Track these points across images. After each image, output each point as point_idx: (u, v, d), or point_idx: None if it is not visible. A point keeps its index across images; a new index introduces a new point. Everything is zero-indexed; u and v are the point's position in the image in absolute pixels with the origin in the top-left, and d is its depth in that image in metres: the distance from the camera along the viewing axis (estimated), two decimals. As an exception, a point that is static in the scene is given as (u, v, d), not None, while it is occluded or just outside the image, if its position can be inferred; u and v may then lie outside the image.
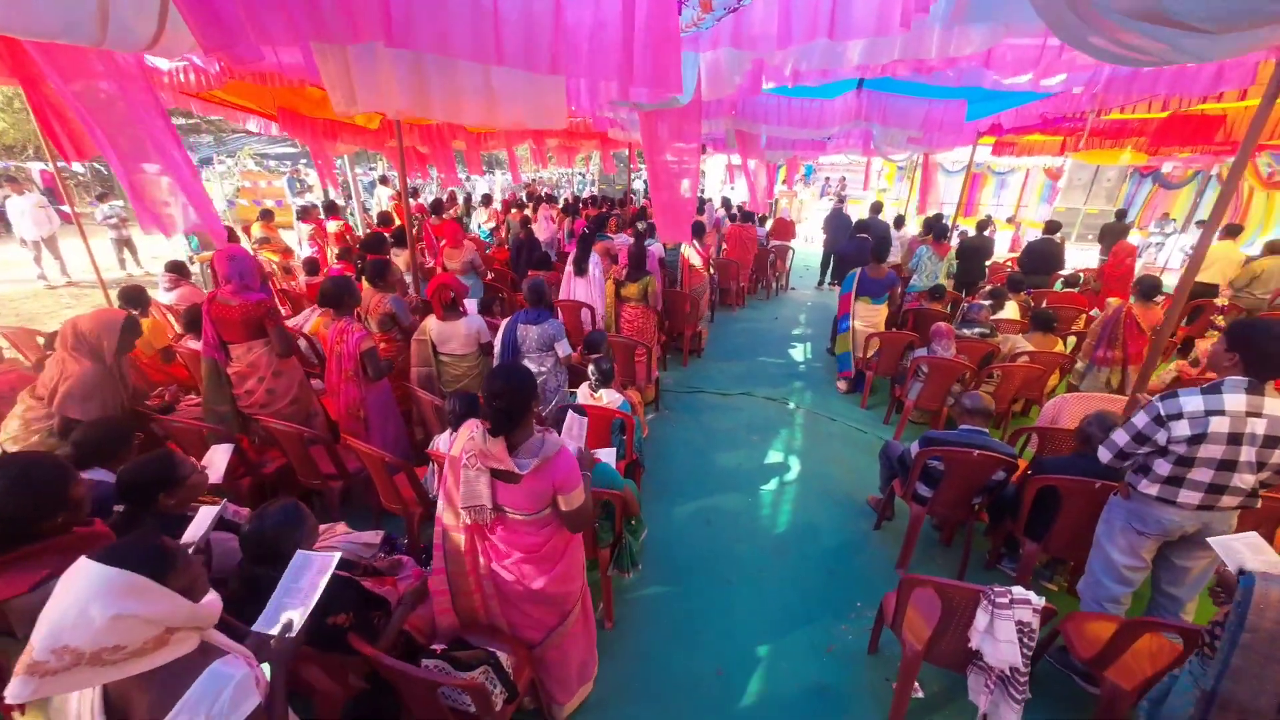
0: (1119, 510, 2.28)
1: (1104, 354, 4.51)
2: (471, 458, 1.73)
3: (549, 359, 3.50)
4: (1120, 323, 4.41)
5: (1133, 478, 2.20)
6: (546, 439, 1.75)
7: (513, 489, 1.73)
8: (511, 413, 1.67)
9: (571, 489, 1.75)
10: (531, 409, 1.72)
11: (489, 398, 1.66)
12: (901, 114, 3.69)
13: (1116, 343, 4.45)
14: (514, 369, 1.73)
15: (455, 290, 3.40)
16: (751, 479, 3.96)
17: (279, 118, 5.32)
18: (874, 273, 5.08)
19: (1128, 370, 4.37)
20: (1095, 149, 6.89)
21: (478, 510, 1.77)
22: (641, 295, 4.59)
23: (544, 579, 1.88)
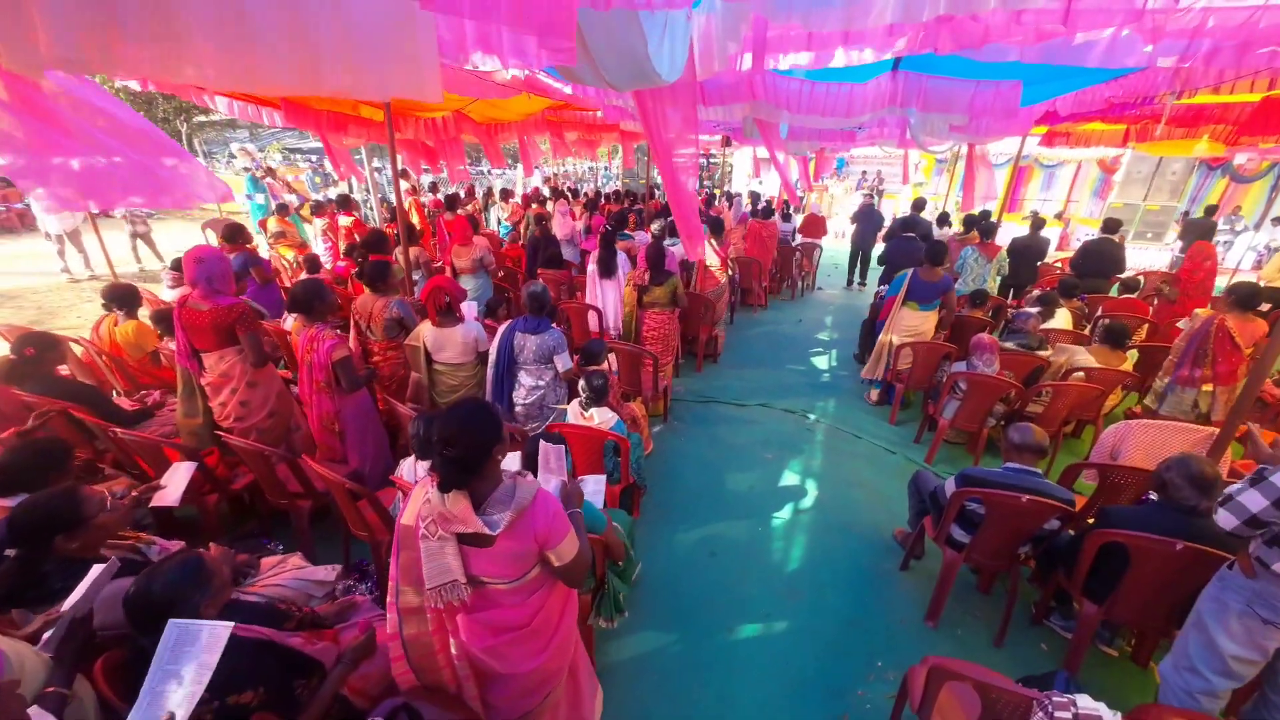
0: (1238, 590, 1.84)
1: (1189, 373, 3.94)
2: (430, 524, 1.43)
3: (548, 373, 3.21)
4: (1211, 337, 3.84)
5: (1264, 551, 1.76)
6: (518, 484, 1.45)
7: (487, 554, 1.42)
8: (468, 462, 1.37)
9: (560, 539, 1.45)
10: (494, 453, 1.42)
11: (439, 444, 1.37)
12: (944, 98, 3.24)
13: (1205, 360, 3.87)
14: (468, 407, 1.43)
15: (451, 294, 3.14)
16: (764, 504, 3.60)
17: (283, 108, 5.16)
18: (927, 275, 4.58)
19: (1217, 392, 3.80)
20: (1165, 139, 6.18)
21: (449, 588, 1.43)
22: (670, 299, 4.26)
23: (540, 658, 1.57)
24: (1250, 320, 3.95)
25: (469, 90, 4.33)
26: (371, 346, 3.45)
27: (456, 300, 3.16)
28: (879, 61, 3.02)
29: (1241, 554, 1.84)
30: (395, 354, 3.43)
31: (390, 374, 3.45)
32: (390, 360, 3.42)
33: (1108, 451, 3.32)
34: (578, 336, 5.25)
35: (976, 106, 3.23)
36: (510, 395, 3.25)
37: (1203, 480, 2.02)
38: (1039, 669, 2.46)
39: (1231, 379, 3.82)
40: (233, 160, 16.15)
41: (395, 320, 3.32)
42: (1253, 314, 3.95)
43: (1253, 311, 3.93)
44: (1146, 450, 3.22)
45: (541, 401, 3.23)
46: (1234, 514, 1.74)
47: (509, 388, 3.23)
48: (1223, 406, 3.86)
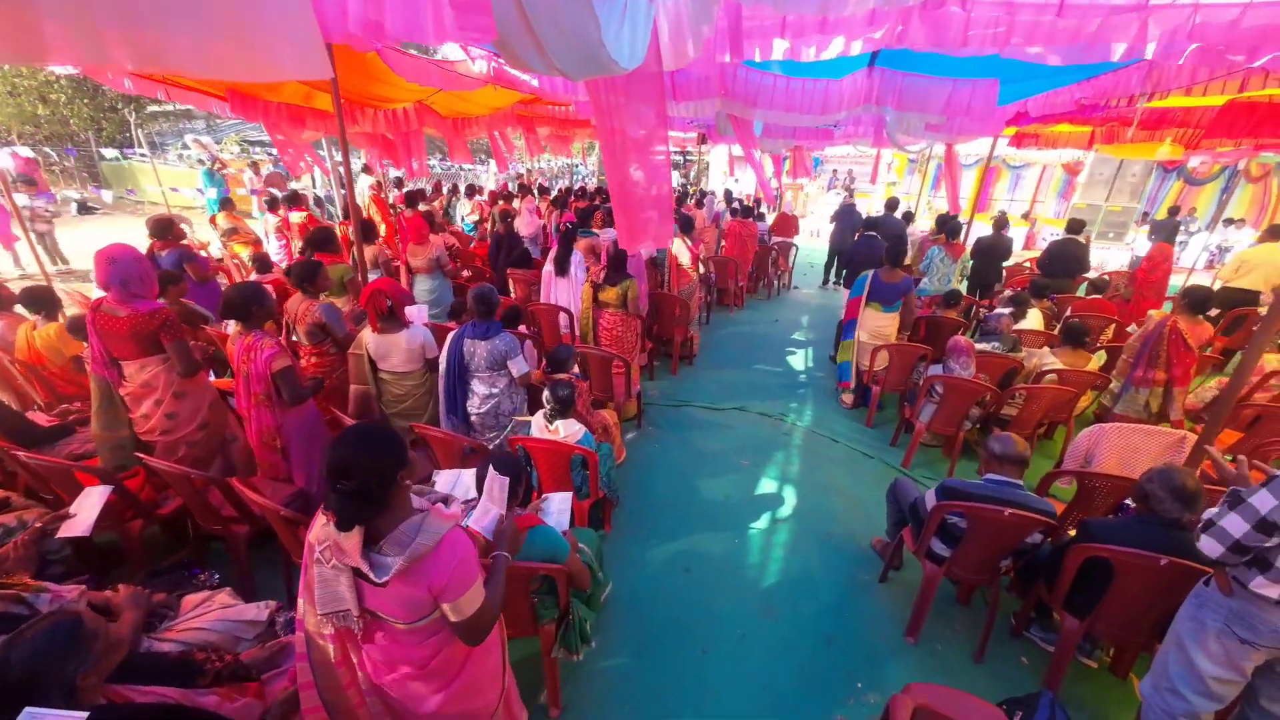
0: (1215, 608, 1.78)
1: (1143, 374, 3.98)
2: (326, 550, 1.27)
3: (501, 379, 3.02)
4: (1164, 338, 3.88)
5: (1241, 571, 1.70)
6: (427, 522, 1.28)
7: (381, 591, 1.27)
8: (366, 495, 1.20)
9: (459, 593, 1.28)
10: (397, 484, 1.26)
11: (330, 475, 1.20)
12: (920, 96, 3.16)
13: (1159, 361, 3.91)
14: (365, 434, 1.26)
15: (392, 297, 2.92)
16: (740, 514, 3.48)
17: (228, 99, 4.82)
18: (888, 276, 4.54)
19: (1172, 393, 3.84)
20: (1130, 141, 6.29)
21: (341, 615, 1.31)
22: (621, 300, 4.10)
23: (439, 697, 1.42)
24: (1199, 323, 4.01)
25: (429, 80, 4.08)
26: (298, 349, 3.21)
27: (400, 304, 2.94)
28: (856, 56, 2.92)
29: (1219, 571, 1.79)
30: (322, 360, 3.18)
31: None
32: (315, 366, 3.18)
33: (1082, 455, 3.31)
34: (548, 340, 5.06)
35: (953, 105, 3.16)
36: (464, 405, 3.05)
37: (1184, 492, 1.96)
38: (1020, 686, 2.40)
39: (1185, 379, 3.87)
40: (186, 152, 15.34)
41: (319, 325, 3.08)
42: (1202, 317, 4.02)
43: (1202, 315, 4.00)
44: (1120, 454, 3.21)
45: (497, 410, 3.04)
46: (1218, 541, 1.68)
47: (462, 397, 3.04)
48: (1176, 406, 3.92)
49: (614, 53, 1.23)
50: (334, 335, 3.21)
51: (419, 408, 3.20)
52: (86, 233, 10.21)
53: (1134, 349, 4.05)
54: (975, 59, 2.97)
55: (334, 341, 3.26)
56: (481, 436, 3.14)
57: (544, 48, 1.16)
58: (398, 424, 3.22)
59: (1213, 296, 4.05)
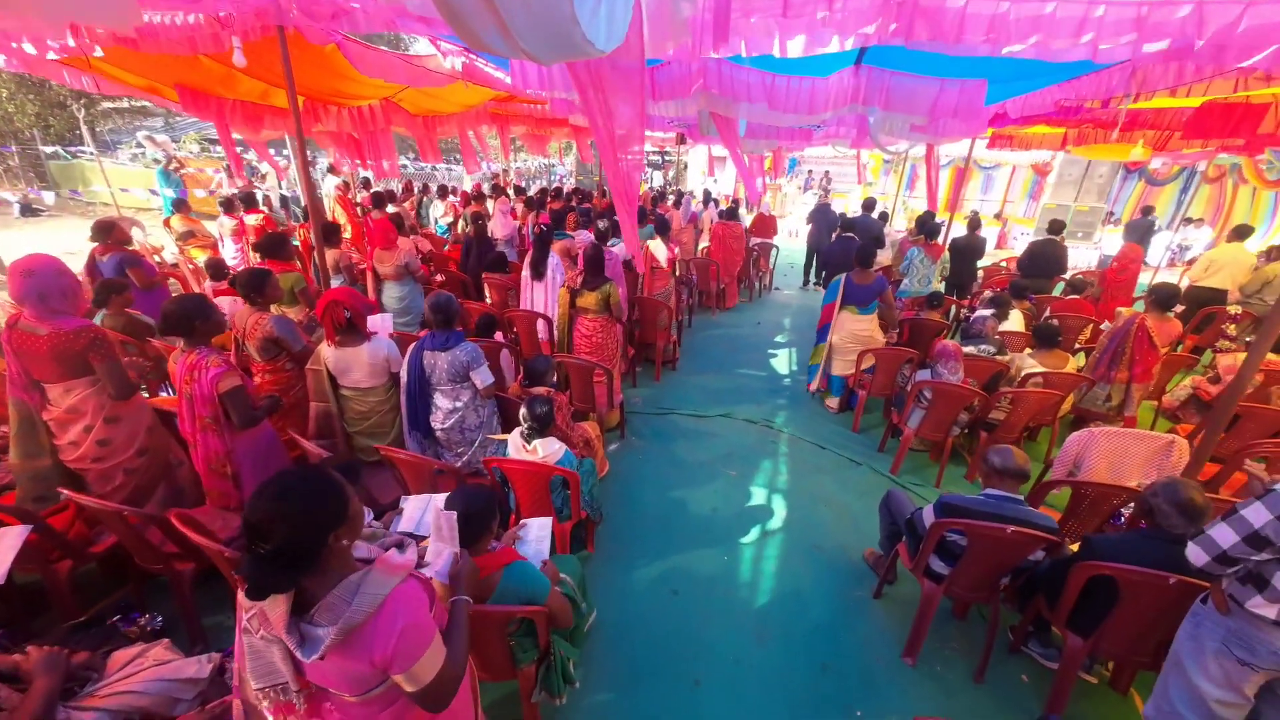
0: (1213, 627, 1.71)
1: (1106, 371, 4.00)
2: (253, 618, 1.08)
3: (465, 392, 2.82)
4: (1130, 336, 3.89)
5: (1238, 589, 1.63)
6: (368, 583, 1.09)
7: (320, 663, 1.08)
8: (286, 561, 1.01)
9: (410, 662, 1.10)
10: (331, 541, 1.07)
11: (246, 533, 1.01)
12: (907, 96, 3.07)
13: (1123, 359, 3.93)
14: (290, 487, 1.06)
15: (351, 308, 2.70)
16: (728, 529, 3.35)
17: (179, 96, 4.50)
18: (860, 279, 4.48)
19: (1131, 389, 3.86)
20: (1104, 143, 6.38)
21: (278, 690, 1.12)
22: (602, 305, 3.93)
23: None
24: (1167, 320, 4.05)
25: (395, 76, 3.85)
26: (250, 366, 2.97)
27: (360, 314, 2.72)
28: (843, 53, 2.81)
29: (1215, 588, 1.72)
30: (277, 376, 2.95)
31: None
32: (270, 383, 2.95)
33: (1071, 460, 3.27)
34: (526, 348, 4.86)
35: (939, 106, 3.08)
36: (427, 420, 2.86)
37: (1191, 507, 1.89)
38: (1023, 706, 2.32)
39: (1147, 377, 3.91)
40: (140, 151, 14.60)
41: (271, 339, 2.84)
42: (1169, 315, 4.05)
43: (1169, 313, 4.04)
44: (1110, 459, 3.18)
45: (462, 424, 2.85)
46: (1204, 549, 1.63)
47: (425, 411, 2.84)
48: (1133, 402, 3.95)
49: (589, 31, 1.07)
50: (289, 349, 2.97)
51: (384, 425, 2.98)
52: (29, 236, 9.60)
53: (1102, 345, 4.07)
54: (964, 59, 2.90)
55: (290, 356, 3.01)
56: (449, 452, 2.94)
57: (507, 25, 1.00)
58: (361, 443, 3.00)
59: (1179, 294, 4.09)
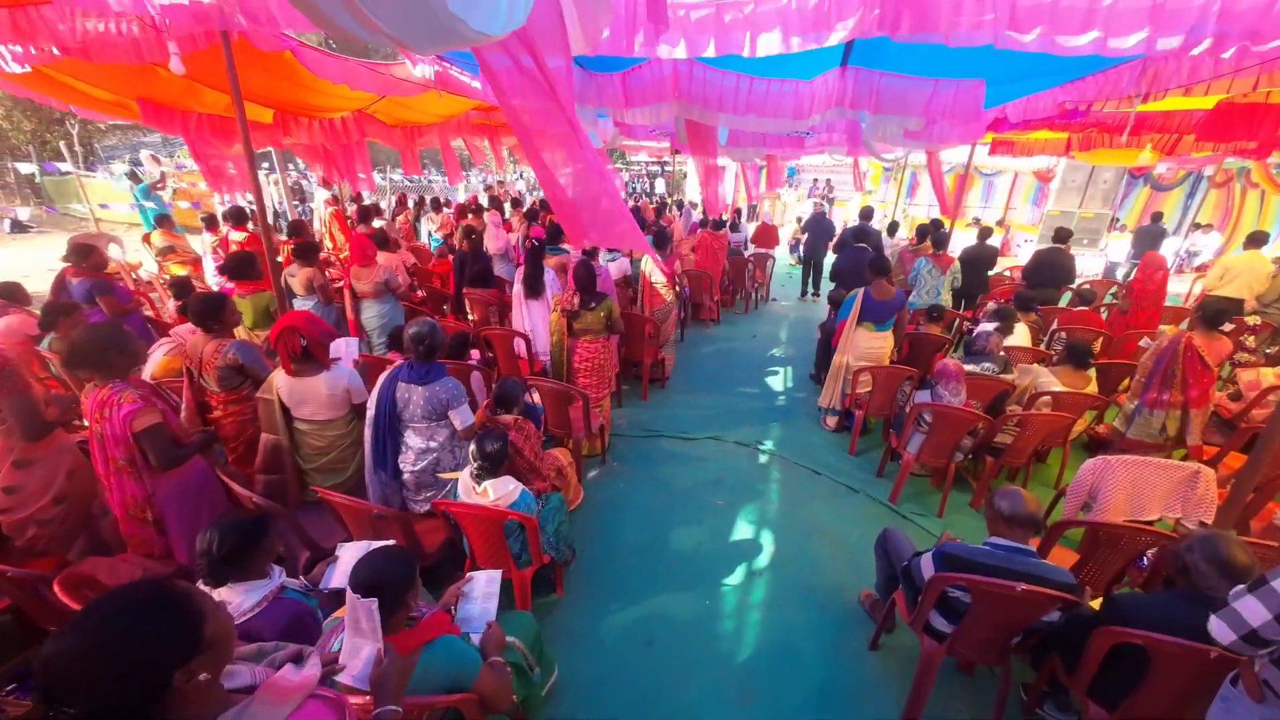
0: (1245, 714, 1.44)
1: (1157, 395, 3.68)
2: None
3: (441, 431, 2.58)
4: (1180, 357, 3.60)
5: (1273, 673, 1.37)
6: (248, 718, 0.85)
7: None
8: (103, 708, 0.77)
9: None
10: (174, 687, 0.82)
11: (43, 695, 0.76)
12: (898, 98, 2.85)
13: (1174, 382, 3.62)
14: (105, 613, 0.81)
15: (307, 334, 2.48)
16: (713, 567, 3.09)
17: (140, 110, 4.34)
18: (879, 294, 4.18)
19: (1190, 415, 3.56)
20: (1111, 148, 6.14)
21: None
22: (604, 325, 3.69)
23: None
24: (1216, 339, 3.76)
25: (359, 83, 3.66)
26: (209, 399, 2.74)
27: (317, 342, 2.50)
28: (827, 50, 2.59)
29: (1245, 669, 1.46)
30: (241, 408, 2.72)
31: (236, 433, 2.75)
32: (234, 416, 2.72)
33: (1086, 491, 3.00)
34: (503, 367, 4.64)
35: (934, 108, 2.86)
36: (395, 459, 2.60)
37: (1233, 567, 1.62)
38: (1040, 787, 2.03)
39: (1204, 401, 3.60)
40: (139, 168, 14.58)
41: (232, 367, 2.62)
42: (1219, 333, 3.77)
43: (1219, 330, 3.76)
44: (1129, 491, 2.91)
45: (435, 467, 2.60)
46: (1230, 626, 1.38)
47: (393, 450, 2.59)
48: (1196, 430, 3.65)
49: (464, 11, 0.85)
50: (255, 376, 2.74)
51: (343, 461, 2.75)
52: (14, 252, 9.50)
53: (1147, 368, 3.76)
54: (959, 58, 2.68)
55: (255, 385, 2.79)
56: (416, 496, 2.70)
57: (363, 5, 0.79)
58: (317, 480, 2.76)
59: (1228, 310, 3.80)
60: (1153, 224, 9.67)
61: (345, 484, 2.77)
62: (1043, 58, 2.75)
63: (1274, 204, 13.08)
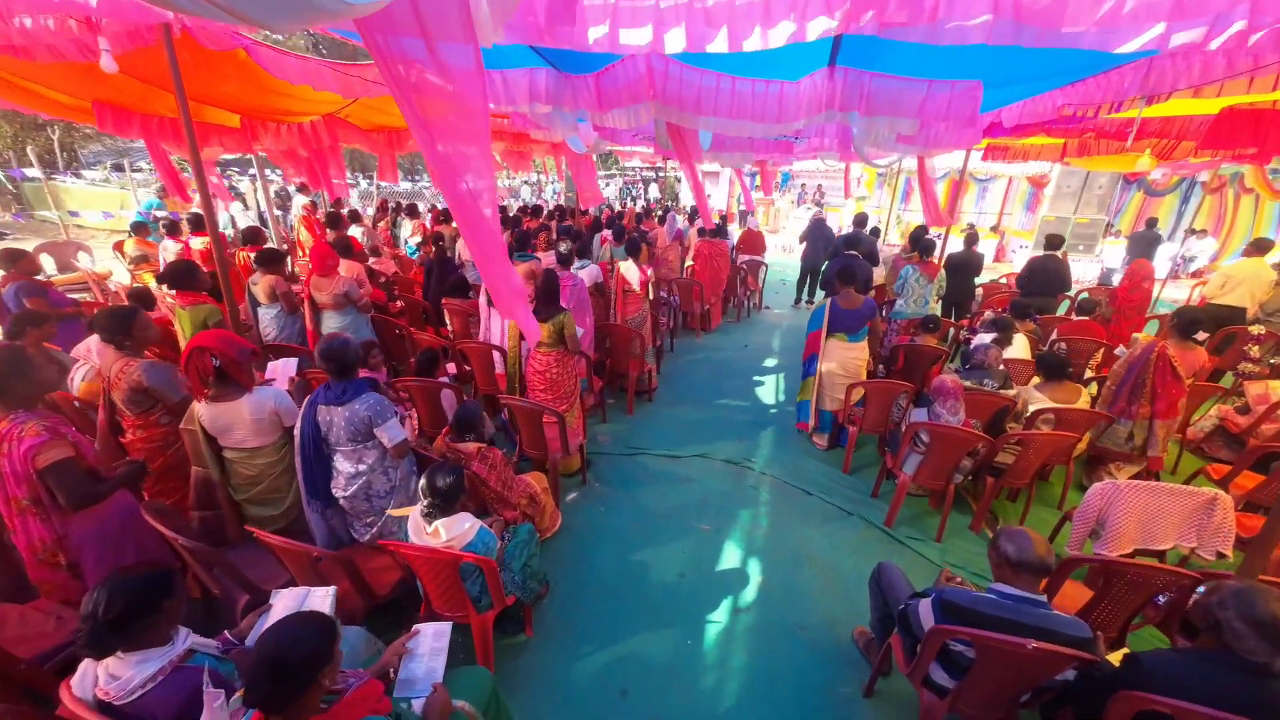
0: None
1: (1125, 405, 3.54)
2: None
3: (370, 452, 2.36)
4: (1151, 366, 3.44)
5: None
6: None
7: None
8: None
9: None
10: None
11: None
12: (890, 100, 2.67)
13: (1144, 392, 3.47)
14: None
15: (221, 354, 2.25)
16: (696, 601, 2.87)
17: (96, 113, 4.12)
18: (846, 302, 4.02)
19: (1154, 426, 3.40)
20: (1103, 154, 6.01)
21: None
22: (555, 338, 3.50)
23: None
24: (1190, 349, 3.61)
25: (323, 83, 3.46)
26: (123, 422, 2.51)
27: (234, 361, 2.27)
28: (813, 46, 2.41)
29: None
30: (151, 433, 2.49)
31: (146, 457, 2.50)
32: (143, 440, 2.49)
33: (1093, 518, 2.81)
34: (480, 381, 4.42)
35: (929, 110, 2.68)
36: (327, 486, 2.39)
37: (1273, 628, 1.42)
38: None
39: (1172, 412, 3.45)
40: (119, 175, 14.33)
41: (140, 390, 2.40)
42: (1193, 342, 3.61)
43: (1192, 340, 3.60)
44: (1140, 518, 2.72)
45: (368, 491, 2.38)
46: None
47: (324, 477, 2.37)
48: (1160, 441, 3.48)
49: None
50: (164, 400, 2.52)
51: (277, 490, 2.52)
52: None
53: (1119, 375, 3.61)
54: (954, 58, 2.51)
55: (166, 409, 2.56)
56: (357, 523, 2.48)
57: None
58: (254, 512, 2.53)
59: (1204, 318, 3.65)
60: (1148, 229, 9.57)
61: (284, 515, 2.55)
62: (1043, 59, 2.60)
63: (1268, 209, 13.04)
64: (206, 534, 2.52)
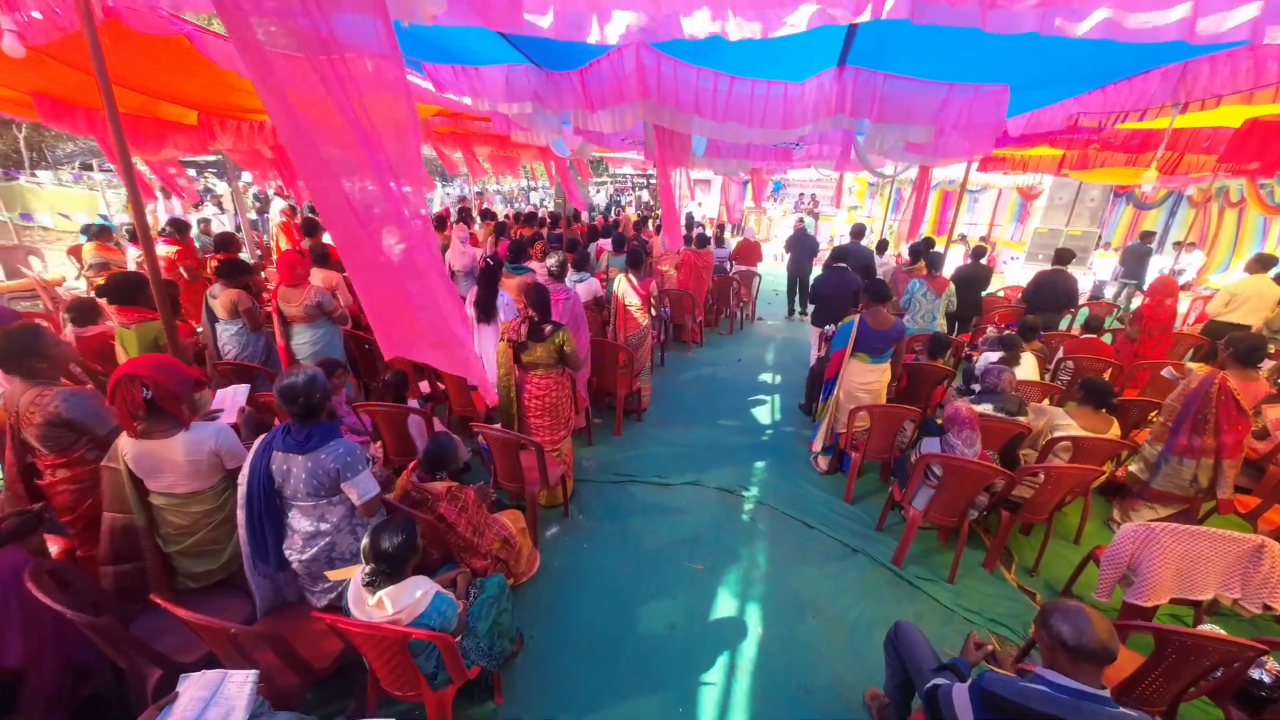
0: None
1: (1187, 441, 3.27)
2: None
3: (335, 509, 2.03)
4: (1212, 399, 3.19)
5: None
6: None
7: None
8: None
9: None
10: None
11: None
12: (905, 105, 2.41)
13: (1206, 427, 3.21)
14: None
15: (153, 383, 1.92)
16: (687, 659, 2.56)
17: (38, 107, 3.76)
18: (877, 322, 3.72)
19: (1222, 466, 3.15)
20: (1101, 166, 5.85)
21: None
22: (555, 358, 3.18)
23: None
24: (1252, 378, 3.38)
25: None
26: (38, 461, 2.16)
27: (170, 392, 1.94)
28: (821, 42, 2.16)
29: None
30: (76, 472, 2.15)
31: (71, 505, 2.17)
32: (67, 483, 2.15)
33: (1125, 562, 2.56)
34: (455, 404, 4.09)
35: (946, 117, 2.44)
36: (279, 547, 2.04)
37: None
38: None
39: (1238, 450, 3.20)
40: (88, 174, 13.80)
41: (58, 422, 2.06)
42: (1255, 371, 3.39)
43: (1254, 369, 3.38)
44: (1178, 566, 2.47)
45: (330, 552, 2.05)
46: None
47: (274, 536, 2.02)
48: (1228, 481, 3.24)
49: None
50: (92, 434, 2.17)
51: (215, 543, 2.18)
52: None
53: (1173, 410, 3.35)
54: (983, 56, 2.27)
55: (94, 443, 2.22)
56: (313, 588, 2.13)
57: None
58: (185, 566, 2.19)
59: (1264, 344, 3.42)
60: (1141, 243, 9.51)
61: (224, 567, 2.21)
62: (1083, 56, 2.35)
63: (1252, 223, 13.11)
64: (124, 592, 2.18)
